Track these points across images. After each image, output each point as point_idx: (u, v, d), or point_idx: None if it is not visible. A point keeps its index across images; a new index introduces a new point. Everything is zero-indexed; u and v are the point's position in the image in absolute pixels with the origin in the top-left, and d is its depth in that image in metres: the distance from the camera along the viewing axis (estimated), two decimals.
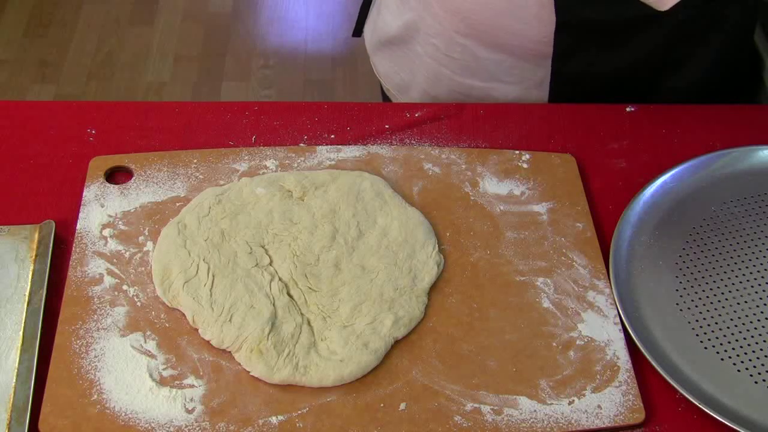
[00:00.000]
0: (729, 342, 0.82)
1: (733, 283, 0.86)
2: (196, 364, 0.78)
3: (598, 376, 0.79)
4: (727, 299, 0.85)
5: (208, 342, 0.80)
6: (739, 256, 0.89)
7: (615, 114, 1.03)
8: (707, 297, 0.85)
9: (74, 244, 0.86)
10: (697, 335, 0.82)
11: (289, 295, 0.82)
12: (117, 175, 0.93)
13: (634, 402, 0.77)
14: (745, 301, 0.85)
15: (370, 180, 0.92)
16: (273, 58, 2.56)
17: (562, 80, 1.06)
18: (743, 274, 0.87)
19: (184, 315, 0.81)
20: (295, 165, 0.94)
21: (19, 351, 0.78)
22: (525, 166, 0.96)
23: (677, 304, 0.85)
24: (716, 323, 0.83)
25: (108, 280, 0.83)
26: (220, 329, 0.79)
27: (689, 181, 0.95)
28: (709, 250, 0.89)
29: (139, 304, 0.82)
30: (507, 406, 0.77)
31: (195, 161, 0.94)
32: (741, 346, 0.82)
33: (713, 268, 0.88)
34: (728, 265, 0.88)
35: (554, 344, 0.81)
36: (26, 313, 0.80)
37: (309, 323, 0.81)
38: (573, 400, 0.77)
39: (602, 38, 1.02)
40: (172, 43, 2.60)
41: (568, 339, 0.82)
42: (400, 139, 0.99)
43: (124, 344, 0.79)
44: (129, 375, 0.77)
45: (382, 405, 0.77)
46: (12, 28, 2.62)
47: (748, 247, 0.90)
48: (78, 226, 0.87)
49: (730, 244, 0.90)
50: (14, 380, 0.76)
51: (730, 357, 0.81)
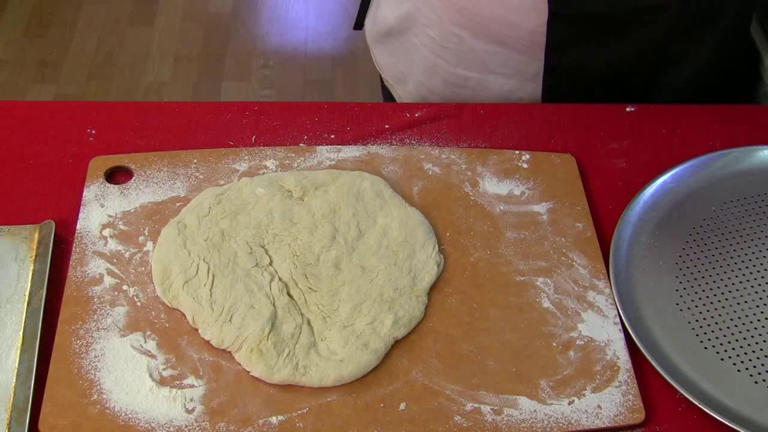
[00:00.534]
0: (729, 342, 0.82)
1: (733, 283, 0.86)
2: (196, 364, 0.78)
3: (598, 376, 0.79)
4: (727, 299, 0.85)
5: (208, 342, 0.80)
6: (739, 256, 0.89)
7: (615, 114, 1.03)
8: (707, 297, 0.85)
9: (74, 244, 0.86)
10: (697, 335, 0.82)
11: (289, 295, 0.83)
12: (117, 175, 0.93)
13: (634, 402, 0.77)
14: (745, 301, 0.85)
15: (370, 180, 0.92)
16: (273, 58, 2.56)
17: (555, 74, 1.06)
18: (743, 274, 0.87)
19: (184, 315, 0.81)
20: (295, 165, 0.94)
21: (19, 351, 0.78)
22: (525, 166, 0.96)
23: (677, 304, 0.85)
24: (716, 323, 0.83)
25: (108, 280, 0.83)
26: (220, 329, 0.79)
27: (689, 181, 0.95)
28: (709, 250, 0.89)
29: (139, 304, 0.82)
30: (507, 406, 0.77)
31: (195, 161, 0.94)
32: (741, 346, 0.82)
33: (713, 268, 0.88)
34: (728, 265, 0.88)
35: (554, 344, 0.81)
36: (26, 313, 0.80)
37: (309, 323, 0.81)
38: (573, 400, 0.77)
39: (597, 31, 1.02)
40: (172, 43, 2.60)
41: (568, 339, 0.82)
42: (400, 139, 0.99)
43: (124, 344, 0.79)
44: (129, 375, 0.77)
45: (382, 405, 0.77)
46: (12, 28, 2.62)
47: (748, 247, 0.90)
48: (78, 226, 0.87)
49: (730, 244, 0.90)
50: (14, 380, 0.76)
51: (730, 357, 0.81)
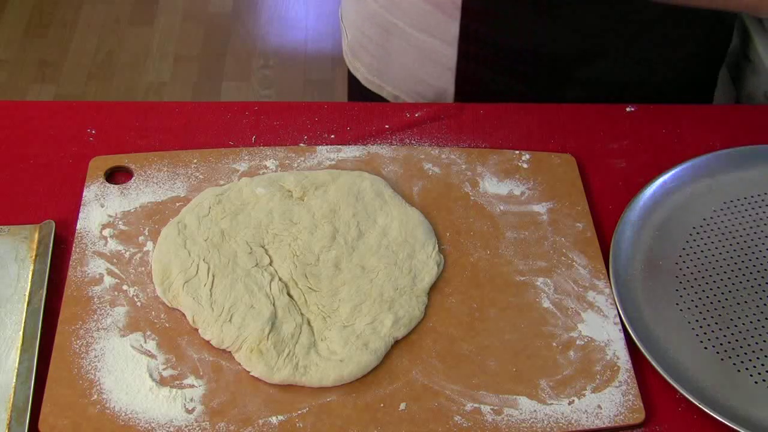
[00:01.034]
0: (729, 342, 0.82)
1: (733, 283, 0.86)
2: (196, 364, 0.78)
3: (598, 376, 0.79)
4: (727, 299, 0.85)
5: (208, 342, 0.80)
6: (739, 256, 0.89)
7: (615, 114, 1.03)
8: (707, 297, 0.85)
9: (74, 244, 0.86)
10: (697, 335, 0.82)
11: (289, 295, 0.83)
12: (117, 175, 0.93)
13: (634, 402, 0.77)
14: (745, 301, 0.85)
15: (370, 180, 0.92)
16: (273, 58, 2.56)
17: (468, 40, 1.03)
18: (743, 274, 0.87)
19: (184, 315, 0.81)
20: (295, 165, 0.94)
21: (19, 351, 0.78)
22: (525, 166, 0.96)
23: (677, 304, 0.85)
24: (716, 323, 0.83)
25: (108, 280, 0.83)
26: (220, 329, 0.79)
27: (689, 181, 0.95)
28: (709, 250, 0.89)
29: (139, 304, 0.82)
30: (507, 406, 0.77)
31: (195, 161, 0.94)
32: (741, 346, 0.82)
33: (713, 268, 0.88)
34: (728, 265, 0.88)
35: (554, 344, 0.81)
36: (26, 313, 0.80)
37: (309, 323, 0.81)
38: (573, 400, 0.77)
39: (511, 7, 0.99)
40: (172, 43, 2.60)
41: (568, 339, 0.82)
42: (400, 139, 0.99)
43: (124, 344, 0.79)
44: (129, 375, 0.77)
45: (382, 405, 0.77)
46: (12, 28, 2.62)
47: (748, 247, 0.90)
48: (78, 226, 0.87)
49: (730, 244, 0.90)
50: (14, 380, 0.76)
51: (730, 357, 0.81)
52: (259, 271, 0.83)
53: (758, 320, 0.83)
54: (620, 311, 0.83)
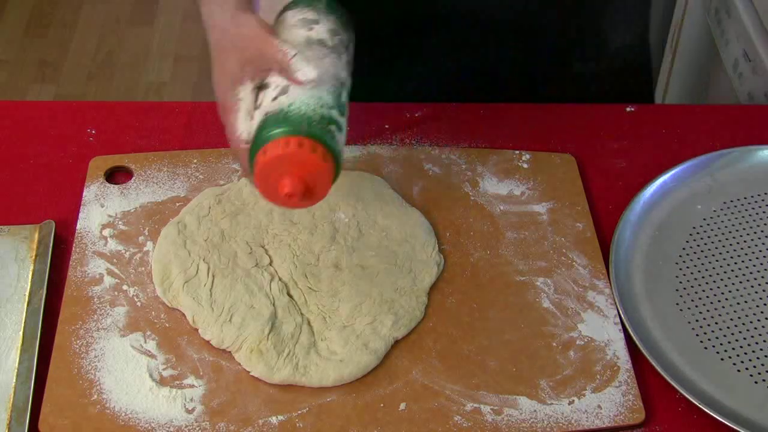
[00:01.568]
0: (729, 342, 0.82)
1: (733, 283, 0.86)
2: (196, 364, 0.78)
3: (598, 376, 0.79)
4: (727, 299, 0.85)
5: (208, 342, 0.80)
6: (739, 256, 0.89)
7: (615, 114, 1.03)
8: (707, 297, 0.85)
9: (74, 244, 0.86)
10: (697, 335, 0.82)
11: (289, 295, 0.83)
12: (117, 175, 0.93)
13: (634, 402, 0.77)
14: (745, 301, 0.85)
15: (370, 180, 0.92)
16: None
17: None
18: (743, 274, 0.87)
19: (184, 315, 0.81)
20: None
21: (19, 351, 0.78)
22: (525, 166, 0.96)
23: (677, 304, 0.85)
24: (716, 323, 0.83)
25: (108, 280, 0.83)
26: (220, 329, 0.79)
27: (689, 181, 0.95)
28: (709, 250, 0.89)
29: (139, 304, 0.82)
30: (507, 406, 0.77)
31: (195, 161, 0.94)
32: (741, 346, 0.82)
33: (713, 268, 0.88)
34: (728, 265, 0.88)
35: (554, 344, 0.81)
36: (26, 313, 0.80)
37: (309, 323, 0.81)
38: (573, 400, 0.77)
39: None
40: (172, 43, 2.60)
41: (568, 339, 0.82)
42: (400, 139, 0.99)
43: (124, 344, 0.79)
44: (129, 375, 0.77)
45: (382, 405, 0.77)
46: (12, 28, 2.62)
47: (748, 247, 0.90)
48: (78, 226, 0.87)
49: (730, 244, 0.90)
50: (14, 380, 0.76)
51: (730, 357, 0.81)
52: (259, 271, 0.83)
53: (758, 320, 0.83)
54: (620, 311, 0.83)
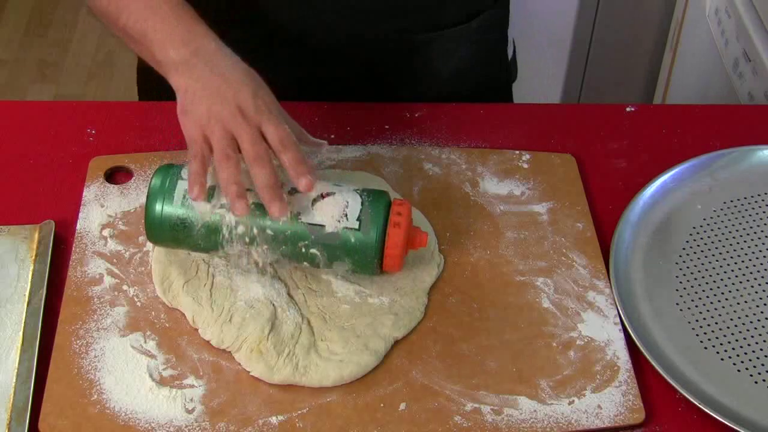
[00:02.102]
0: (729, 342, 0.82)
1: (733, 283, 0.86)
2: (196, 364, 0.78)
3: (598, 376, 0.79)
4: (727, 299, 0.85)
5: (208, 342, 0.80)
6: (739, 256, 0.89)
7: (615, 114, 1.04)
8: (707, 297, 0.85)
9: (74, 244, 0.86)
10: (697, 335, 0.82)
11: (289, 295, 0.82)
12: (117, 175, 0.93)
13: (634, 402, 0.77)
14: (745, 301, 0.85)
15: (370, 180, 0.92)
16: None
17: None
18: (743, 274, 0.87)
19: (184, 315, 0.81)
20: None
21: (19, 351, 0.78)
22: (525, 166, 0.96)
23: (677, 304, 0.85)
24: (716, 323, 0.83)
25: (108, 280, 0.83)
26: (220, 329, 0.79)
27: (689, 181, 0.95)
28: (709, 250, 0.89)
29: (139, 304, 0.82)
30: (507, 406, 0.77)
31: None
32: (741, 346, 0.82)
33: (713, 268, 0.88)
34: (728, 265, 0.88)
35: (554, 344, 0.81)
36: (26, 313, 0.80)
37: (309, 323, 0.81)
38: (573, 400, 0.77)
39: None
40: None
41: (568, 339, 0.82)
42: (400, 139, 0.99)
43: (124, 344, 0.79)
44: (129, 375, 0.77)
45: (382, 405, 0.77)
46: (12, 28, 2.62)
47: (748, 247, 0.90)
48: (78, 226, 0.87)
49: (730, 244, 0.90)
50: (14, 380, 0.76)
51: (730, 357, 0.81)
52: (260, 272, 0.83)
53: (758, 320, 0.83)
54: (620, 311, 0.83)
